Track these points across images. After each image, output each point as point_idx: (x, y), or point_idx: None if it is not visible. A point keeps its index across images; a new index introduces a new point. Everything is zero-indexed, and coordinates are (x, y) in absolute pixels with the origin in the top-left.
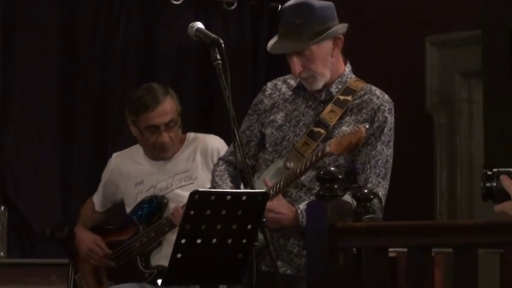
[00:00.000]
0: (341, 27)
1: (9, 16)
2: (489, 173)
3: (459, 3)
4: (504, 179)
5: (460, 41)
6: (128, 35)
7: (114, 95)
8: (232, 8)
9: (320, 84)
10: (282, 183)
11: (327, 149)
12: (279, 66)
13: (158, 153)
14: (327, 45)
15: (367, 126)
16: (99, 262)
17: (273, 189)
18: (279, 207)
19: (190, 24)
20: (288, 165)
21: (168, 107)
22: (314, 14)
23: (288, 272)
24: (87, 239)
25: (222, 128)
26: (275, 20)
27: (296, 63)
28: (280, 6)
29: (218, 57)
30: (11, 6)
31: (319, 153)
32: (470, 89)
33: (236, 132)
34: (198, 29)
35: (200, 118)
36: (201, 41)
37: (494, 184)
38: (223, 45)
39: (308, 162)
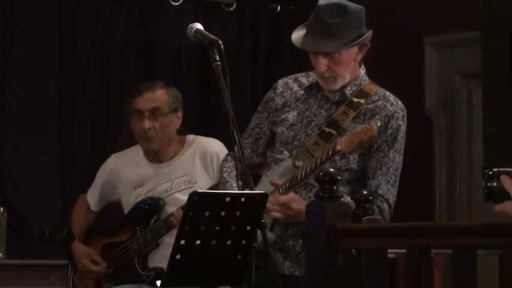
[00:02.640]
0: (369, 35)
1: (9, 16)
2: (490, 172)
3: (458, 4)
4: (504, 178)
5: (459, 42)
6: (127, 36)
7: (113, 96)
8: (232, 9)
9: (338, 85)
10: (291, 181)
11: (338, 147)
12: (278, 67)
13: (143, 143)
14: (354, 50)
15: (379, 124)
16: (95, 275)
17: (282, 188)
18: (298, 198)
19: (190, 25)
20: (297, 164)
21: (158, 95)
22: (350, 17)
23: (296, 273)
24: (81, 255)
25: (221, 129)
26: (274, 20)
27: (322, 62)
28: (279, 7)
29: (217, 58)
30: (10, 6)
31: (330, 151)
32: (470, 90)
33: (235, 133)
34: (197, 30)
35: (199, 118)
36: (200, 42)
37: (495, 184)
38: (222, 46)
39: (318, 161)
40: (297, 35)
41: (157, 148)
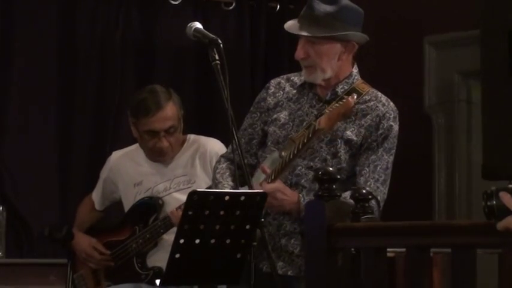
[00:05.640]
0: (356, 35)
1: (8, 15)
2: (488, 192)
3: (458, 3)
4: (503, 195)
5: (459, 41)
6: (126, 35)
7: (112, 95)
8: (231, 8)
9: (317, 78)
10: (276, 169)
11: (317, 126)
12: (277, 66)
13: (156, 156)
14: (337, 47)
15: (355, 97)
16: (97, 265)
17: (270, 176)
18: (284, 188)
19: (189, 24)
20: (283, 154)
21: (169, 112)
22: (340, 10)
23: (289, 272)
24: (83, 244)
25: (221, 128)
26: (273, 20)
27: (301, 48)
28: (278, 6)
29: (216, 57)
30: (10, 6)
31: (310, 133)
32: (469, 89)
33: (234, 133)
34: (197, 29)
35: (198, 118)
36: (200, 41)
37: (494, 202)
38: (221, 45)
39: (300, 145)
40: (290, 22)
41: (170, 158)
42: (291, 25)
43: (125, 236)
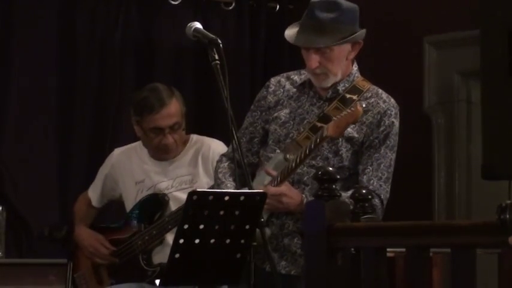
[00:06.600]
0: (361, 34)
1: (7, 15)
2: (503, 205)
3: (457, 3)
4: None
5: (459, 41)
6: (126, 35)
7: (112, 95)
8: (231, 8)
9: (330, 83)
10: (282, 173)
11: (325, 133)
12: (276, 66)
13: (161, 154)
14: (347, 48)
15: (364, 105)
16: (103, 260)
17: (276, 180)
18: (289, 191)
19: (189, 24)
20: (288, 157)
21: (173, 109)
22: (343, 13)
23: (293, 272)
24: (89, 238)
25: (221, 128)
26: (273, 19)
27: (314, 58)
28: (278, 6)
29: (216, 57)
30: (10, 6)
31: (318, 139)
32: (469, 89)
33: (234, 133)
34: (196, 29)
35: (198, 118)
36: (199, 41)
37: (508, 216)
38: (221, 45)
39: (307, 150)
40: (290, 32)
41: (173, 155)
42: (293, 37)
43: (129, 234)
